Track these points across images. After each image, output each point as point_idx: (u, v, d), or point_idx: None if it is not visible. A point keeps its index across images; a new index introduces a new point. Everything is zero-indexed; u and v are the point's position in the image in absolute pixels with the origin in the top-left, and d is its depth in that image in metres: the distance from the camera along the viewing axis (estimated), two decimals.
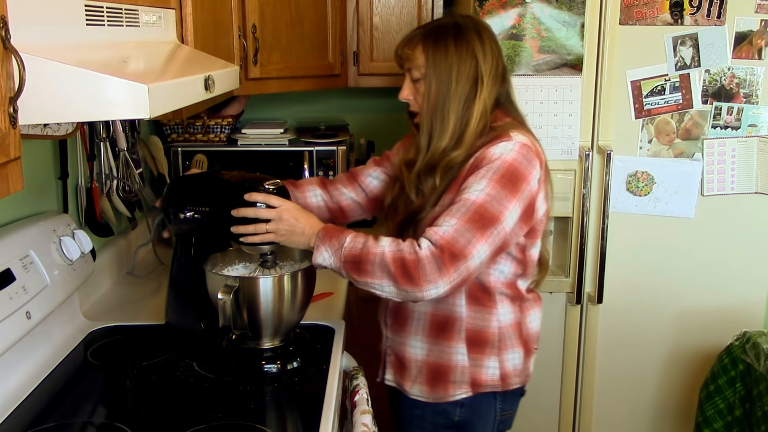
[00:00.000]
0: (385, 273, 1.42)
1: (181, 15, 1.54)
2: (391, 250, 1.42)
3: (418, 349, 1.64)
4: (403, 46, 1.60)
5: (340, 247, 1.45)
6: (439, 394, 1.63)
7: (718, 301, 2.37)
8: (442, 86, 1.53)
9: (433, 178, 1.54)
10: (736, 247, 2.33)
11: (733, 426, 2.18)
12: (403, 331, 1.66)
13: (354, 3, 2.61)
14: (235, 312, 1.52)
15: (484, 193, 1.45)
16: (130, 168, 2.04)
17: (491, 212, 1.44)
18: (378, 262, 1.42)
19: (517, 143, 1.50)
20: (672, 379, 2.44)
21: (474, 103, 1.53)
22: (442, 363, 1.61)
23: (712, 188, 2.29)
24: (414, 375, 1.65)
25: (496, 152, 1.49)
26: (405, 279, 1.40)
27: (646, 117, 2.25)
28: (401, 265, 1.41)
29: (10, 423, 1.35)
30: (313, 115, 2.97)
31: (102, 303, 1.98)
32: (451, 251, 1.41)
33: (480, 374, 1.61)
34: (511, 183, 1.47)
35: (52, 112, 1.00)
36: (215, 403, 1.43)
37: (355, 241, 1.45)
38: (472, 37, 1.55)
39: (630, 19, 2.19)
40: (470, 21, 1.60)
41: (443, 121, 1.54)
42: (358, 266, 1.44)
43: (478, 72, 1.54)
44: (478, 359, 1.61)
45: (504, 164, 1.47)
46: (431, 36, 1.56)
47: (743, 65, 2.21)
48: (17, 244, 1.50)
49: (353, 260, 1.44)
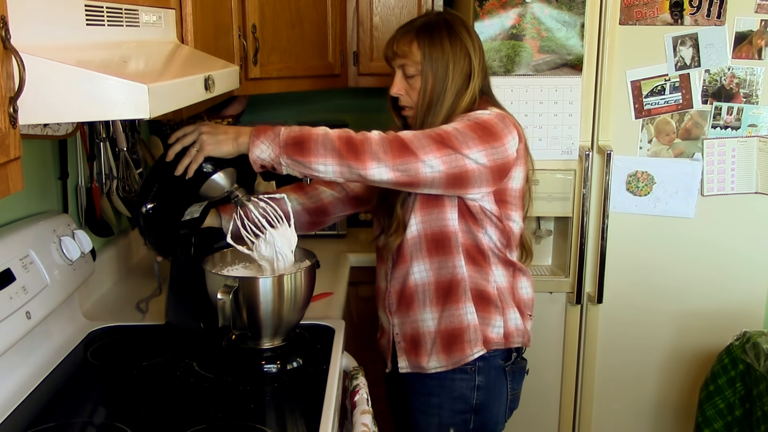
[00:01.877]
0: (329, 150, 1.42)
1: (181, 15, 1.54)
2: (336, 131, 1.45)
3: (429, 321, 1.68)
4: (397, 42, 1.65)
5: (276, 135, 1.44)
6: (457, 357, 1.67)
7: (718, 301, 2.37)
8: (438, 82, 1.61)
9: None
10: (736, 247, 2.33)
11: (733, 426, 2.18)
12: (412, 309, 1.70)
13: (354, 3, 2.61)
14: (235, 312, 1.52)
15: (451, 127, 1.51)
16: (130, 168, 2.04)
17: (453, 139, 1.48)
18: (321, 140, 1.43)
19: (494, 111, 1.59)
20: (672, 379, 2.44)
21: (464, 95, 1.62)
22: (455, 327, 1.66)
23: (712, 188, 2.29)
24: (430, 347, 1.69)
25: (473, 112, 1.58)
26: (350, 154, 1.42)
27: (646, 117, 2.25)
28: (347, 141, 1.44)
29: (10, 423, 1.35)
30: (313, 115, 2.97)
31: (102, 303, 1.98)
32: (402, 143, 1.45)
33: (488, 332, 1.68)
34: (483, 132, 1.52)
35: (52, 112, 1.00)
36: (215, 403, 1.43)
37: (292, 128, 1.45)
38: (463, 33, 1.63)
39: (630, 19, 2.19)
40: (456, 17, 1.68)
41: (435, 114, 1.61)
42: (300, 147, 1.42)
43: (471, 67, 1.62)
44: (486, 317, 1.67)
45: (478, 119, 1.55)
46: (425, 32, 1.61)
47: (743, 65, 2.21)
48: (17, 244, 1.50)
49: (294, 142, 1.42)
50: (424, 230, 1.65)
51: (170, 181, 1.58)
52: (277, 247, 1.54)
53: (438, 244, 1.65)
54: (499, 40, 2.19)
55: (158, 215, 1.60)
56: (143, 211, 1.58)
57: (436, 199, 1.62)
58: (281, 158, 1.43)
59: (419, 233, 1.66)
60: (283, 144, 1.43)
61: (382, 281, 1.78)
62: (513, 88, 2.23)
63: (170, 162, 1.55)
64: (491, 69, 2.19)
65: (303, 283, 1.58)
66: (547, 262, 2.51)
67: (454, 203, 1.62)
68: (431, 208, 1.64)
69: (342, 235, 2.63)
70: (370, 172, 1.43)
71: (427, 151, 1.46)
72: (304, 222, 1.87)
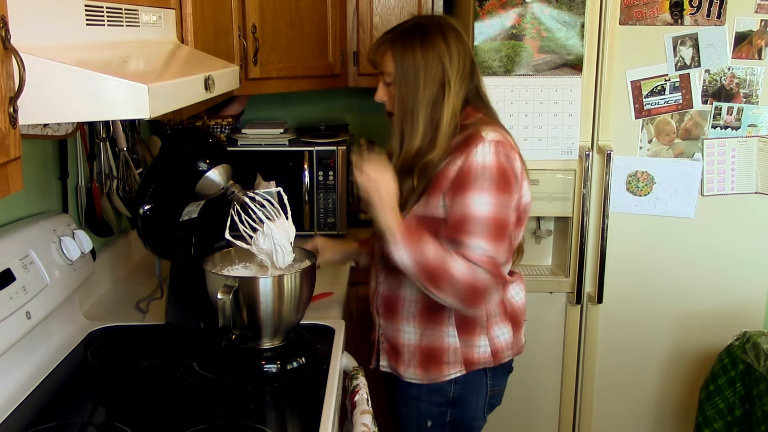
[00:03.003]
0: (454, 295, 1.52)
1: (181, 15, 1.54)
2: (465, 275, 1.51)
3: (411, 335, 1.70)
4: (373, 52, 1.66)
5: (421, 254, 1.51)
6: (433, 375, 1.69)
7: (718, 301, 2.37)
8: (410, 91, 1.58)
9: (411, 180, 1.60)
10: (736, 247, 2.33)
11: (733, 426, 2.18)
12: (395, 318, 1.71)
13: (354, 3, 2.61)
14: (235, 312, 1.52)
15: (490, 205, 1.53)
16: (130, 168, 2.04)
17: (503, 219, 1.55)
18: (453, 284, 1.51)
19: (490, 143, 1.55)
20: (672, 379, 2.44)
21: (443, 105, 1.58)
22: (435, 346, 1.68)
23: (712, 188, 2.29)
24: (407, 359, 1.71)
25: (478, 160, 1.53)
26: (471, 302, 1.54)
27: (646, 117, 2.25)
28: (472, 292, 1.52)
29: (10, 423, 1.35)
30: (313, 115, 2.97)
31: (102, 303, 1.98)
32: (498, 272, 1.55)
33: (472, 353, 1.68)
34: (505, 183, 1.55)
35: (52, 112, 1.00)
36: (215, 403, 1.43)
37: (437, 253, 1.51)
38: (437, 41, 1.58)
39: (630, 19, 2.19)
40: (434, 22, 1.63)
41: (412, 123, 1.59)
42: (433, 280, 1.52)
43: (445, 75, 1.58)
44: (468, 339, 1.67)
45: (492, 170, 1.54)
46: (398, 41, 1.61)
47: (743, 65, 2.21)
48: (17, 244, 1.50)
49: (431, 272, 1.52)
50: None
51: (166, 181, 1.58)
52: (275, 240, 1.54)
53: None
54: (499, 40, 2.19)
55: (156, 216, 1.60)
56: (141, 212, 1.58)
57: (431, 227, 1.59)
58: (413, 273, 1.54)
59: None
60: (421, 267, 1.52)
61: (373, 281, 1.80)
62: (513, 88, 2.23)
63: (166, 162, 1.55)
64: (491, 69, 2.19)
65: (303, 283, 1.58)
66: (547, 262, 2.51)
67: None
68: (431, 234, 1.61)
69: (342, 235, 2.63)
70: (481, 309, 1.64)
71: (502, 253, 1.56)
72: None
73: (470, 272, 1.51)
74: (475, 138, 1.56)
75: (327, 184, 2.55)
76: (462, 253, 1.52)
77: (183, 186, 1.57)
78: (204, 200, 1.64)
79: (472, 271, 1.51)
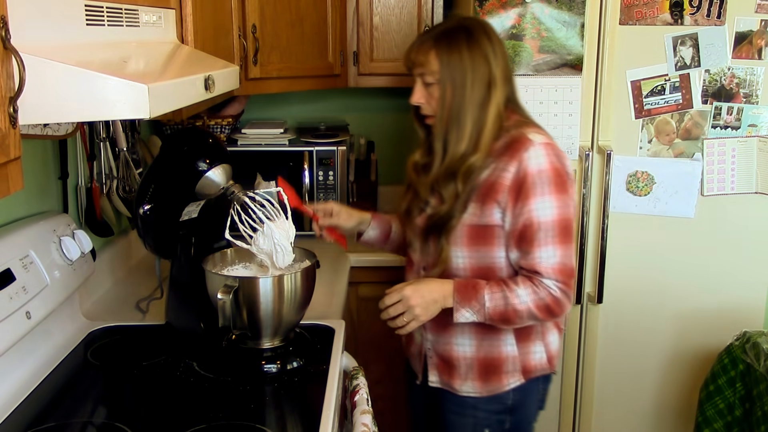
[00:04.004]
0: (530, 320, 1.58)
1: (181, 15, 1.54)
2: (533, 301, 1.54)
3: (466, 347, 1.66)
4: (415, 51, 1.60)
5: (481, 307, 1.55)
6: (493, 387, 1.67)
7: (718, 301, 2.37)
8: (458, 91, 1.55)
9: (455, 184, 1.58)
10: (736, 247, 2.33)
11: (733, 426, 2.18)
12: (447, 331, 1.67)
13: (354, 3, 2.61)
14: (235, 312, 1.52)
15: (553, 209, 1.54)
16: (130, 168, 2.04)
17: (567, 219, 1.56)
18: (526, 316, 1.56)
19: (541, 146, 1.54)
20: (672, 379, 2.44)
21: (488, 106, 1.56)
22: (493, 357, 1.65)
23: (712, 188, 2.29)
24: (464, 373, 1.68)
25: (533, 165, 1.53)
26: (549, 317, 1.58)
27: (646, 117, 2.25)
28: (546, 310, 1.55)
29: (10, 423, 1.35)
30: (313, 115, 2.97)
31: (102, 303, 1.98)
32: (568, 276, 1.56)
33: (529, 360, 1.67)
34: (561, 183, 1.55)
35: (52, 112, 1.00)
36: (215, 403, 1.43)
37: (494, 299, 1.55)
38: (483, 41, 1.56)
39: (630, 19, 2.19)
40: (477, 22, 1.62)
41: (459, 126, 1.56)
42: (506, 321, 1.57)
43: (491, 76, 1.56)
44: (525, 346, 1.66)
45: (549, 173, 1.54)
46: (443, 40, 1.56)
47: (743, 65, 2.21)
48: (17, 244, 1.50)
49: (500, 318, 1.56)
50: (470, 264, 1.62)
51: (166, 181, 1.58)
52: (275, 240, 1.54)
53: (482, 278, 1.61)
54: None
55: (156, 216, 1.60)
56: (141, 212, 1.58)
57: (485, 236, 1.59)
58: (485, 321, 1.58)
59: (464, 267, 1.63)
60: (489, 317, 1.56)
61: None
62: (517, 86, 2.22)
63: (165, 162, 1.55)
64: None
65: (303, 283, 1.58)
66: None
67: (503, 242, 1.60)
68: (479, 246, 1.61)
69: None
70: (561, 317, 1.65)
71: (571, 254, 1.57)
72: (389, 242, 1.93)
73: (533, 296, 1.54)
74: (522, 142, 1.55)
75: (327, 184, 2.55)
76: (532, 265, 1.54)
77: (183, 186, 1.57)
78: (204, 200, 1.64)
79: (534, 293, 1.54)
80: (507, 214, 1.56)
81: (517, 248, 1.57)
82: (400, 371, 1.95)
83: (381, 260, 2.42)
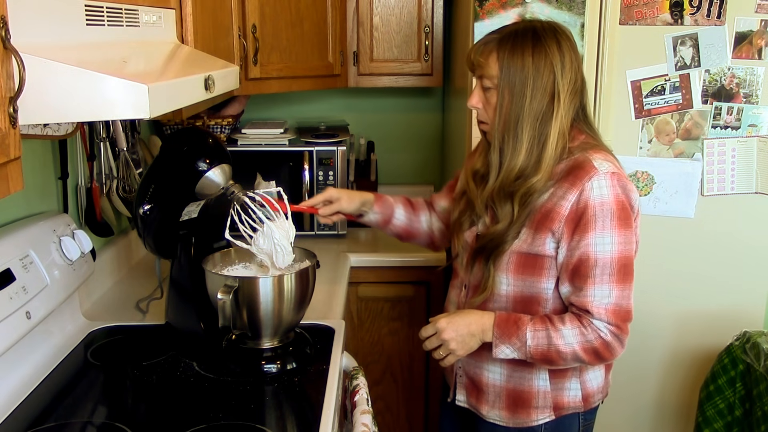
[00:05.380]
0: (577, 361, 1.48)
1: (181, 15, 1.54)
2: (579, 343, 1.45)
3: (497, 374, 1.58)
4: (476, 52, 1.50)
5: (522, 345, 1.46)
6: (521, 419, 1.58)
7: (718, 301, 2.37)
8: (515, 100, 1.44)
9: (511, 205, 1.48)
10: (736, 247, 2.33)
11: (733, 426, 2.18)
12: (480, 355, 1.57)
13: (354, 3, 2.61)
14: (235, 312, 1.52)
15: (614, 245, 1.44)
16: (130, 168, 2.04)
17: (627, 257, 1.47)
18: (570, 358, 1.46)
19: (606, 175, 1.43)
20: (672, 379, 2.44)
21: (551, 121, 1.44)
22: (523, 389, 1.57)
23: (712, 188, 2.29)
24: (492, 400, 1.60)
25: (595, 197, 1.42)
26: (597, 361, 1.49)
27: (646, 117, 2.25)
28: (593, 353, 1.46)
29: (10, 423, 1.36)
30: (313, 115, 2.97)
31: (102, 303, 1.98)
32: (623, 319, 1.47)
33: (562, 397, 1.57)
34: (625, 218, 1.46)
35: (52, 112, 1.00)
36: (215, 403, 1.43)
37: (537, 337, 1.45)
38: (551, 47, 1.44)
39: (630, 19, 2.19)
40: (549, 27, 1.49)
41: (516, 138, 1.45)
42: (549, 362, 1.48)
43: (555, 87, 1.44)
44: (559, 382, 1.56)
45: (612, 206, 1.43)
46: (507, 43, 1.45)
47: (743, 65, 2.21)
48: (17, 244, 1.50)
49: (542, 357, 1.47)
50: (514, 292, 1.53)
51: (166, 181, 1.58)
52: (275, 240, 1.53)
53: (525, 306, 1.53)
54: None
55: (156, 216, 1.60)
56: (140, 212, 1.58)
57: (534, 266, 1.50)
58: (527, 359, 1.49)
59: (507, 294, 1.54)
60: (531, 356, 1.47)
61: (452, 307, 1.68)
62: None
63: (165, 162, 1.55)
64: None
65: (303, 283, 1.58)
66: None
67: (553, 273, 1.50)
68: (526, 275, 1.51)
69: (342, 235, 2.63)
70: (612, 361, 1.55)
71: (629, 295, 1.51)
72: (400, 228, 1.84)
73: (580, 338, 1.44)
74: (586, 169, 1.43)
75: (327, 184, 2.55)
76: (583, 303, 1.44)
77: (183, 186, 1.57)
78: (204, 200, 1.64)
79: (581, 335, 1.44)
80: (561, 246, 1.46)
81: (570, 283, 1.47)
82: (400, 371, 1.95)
83: (381, 260, 2.42)
